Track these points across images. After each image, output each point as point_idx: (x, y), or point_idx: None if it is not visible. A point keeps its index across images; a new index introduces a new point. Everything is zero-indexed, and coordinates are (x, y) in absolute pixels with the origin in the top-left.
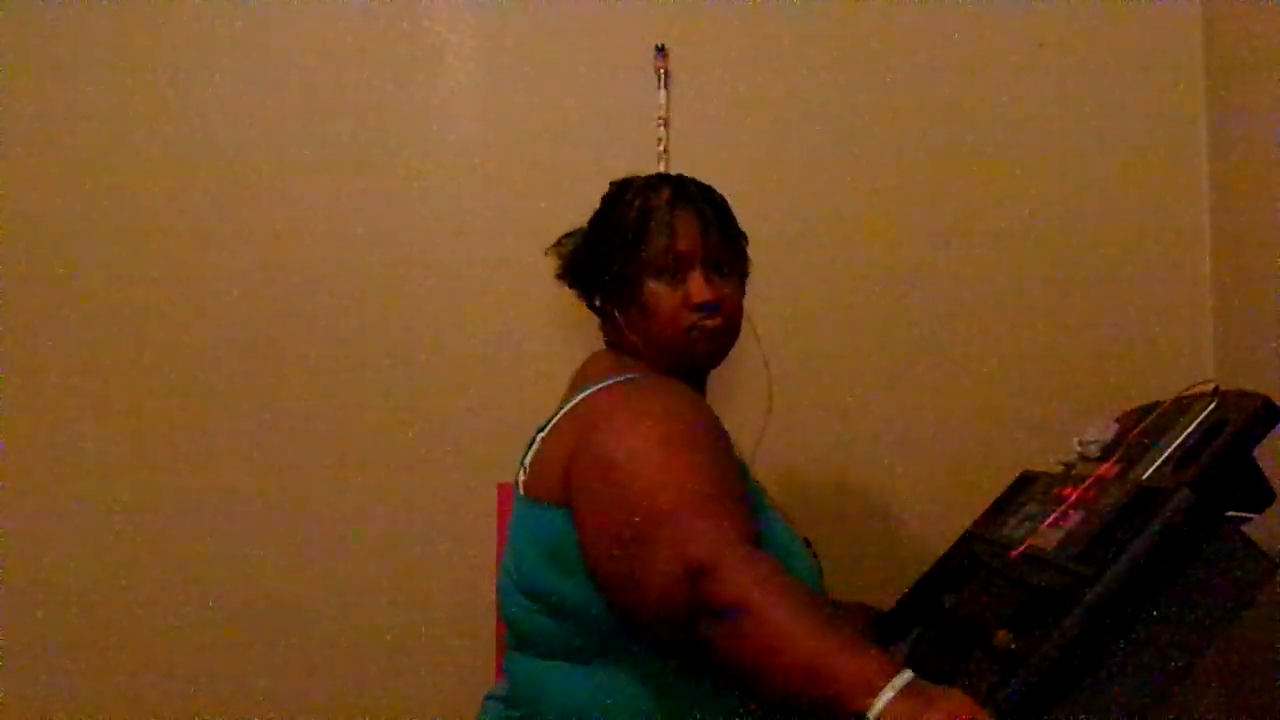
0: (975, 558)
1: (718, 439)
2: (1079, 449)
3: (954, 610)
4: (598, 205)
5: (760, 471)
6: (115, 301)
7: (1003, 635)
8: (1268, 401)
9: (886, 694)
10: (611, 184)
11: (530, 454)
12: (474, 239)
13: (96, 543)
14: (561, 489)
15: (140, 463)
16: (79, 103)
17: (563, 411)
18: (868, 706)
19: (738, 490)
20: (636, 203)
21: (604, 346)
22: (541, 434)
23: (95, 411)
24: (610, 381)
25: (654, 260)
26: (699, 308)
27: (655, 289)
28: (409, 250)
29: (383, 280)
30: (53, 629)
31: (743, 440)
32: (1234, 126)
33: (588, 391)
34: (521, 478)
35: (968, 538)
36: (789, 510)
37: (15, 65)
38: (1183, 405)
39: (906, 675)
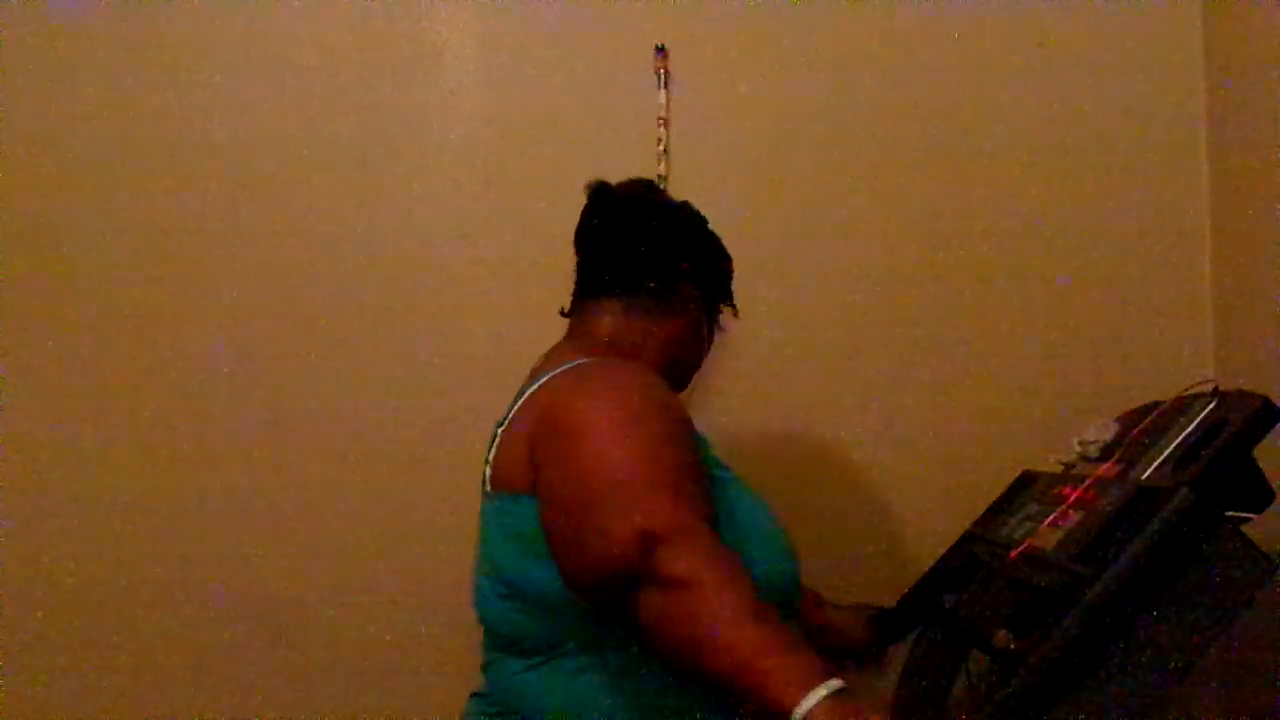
0: (975, 558)
1: (679, 418)
2: (1079, 449)
3: (954, 610)
4: (673, 209)
5: (761, 469)
6: (115, 301)
7: (1003, 635)
8: (1267, 401)
9: (819, 692)
10: (664, 193)
11: (493, 449)
12: (474, 239)
13: (96, 543)
14: (526, 476)
15: (140, 462)
16: (79, 103)
17: (521, 399)
18: (795, 704)
19: (697, 470)
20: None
21: (568, 339)
22: (501, 428)
23: (95, 411)
24: (568, 365)
25: (728, 295)
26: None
27: (713, 320)
28: (409, 250)
29: (383, 280)
30: (53, 629)
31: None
32: (1234, 126)
33: (544, 379)
34: (487, 473)
35: (968, 538)
36: (777, 505)
37: (15, 65)
38: (1183, 405)
39: (836, 682)
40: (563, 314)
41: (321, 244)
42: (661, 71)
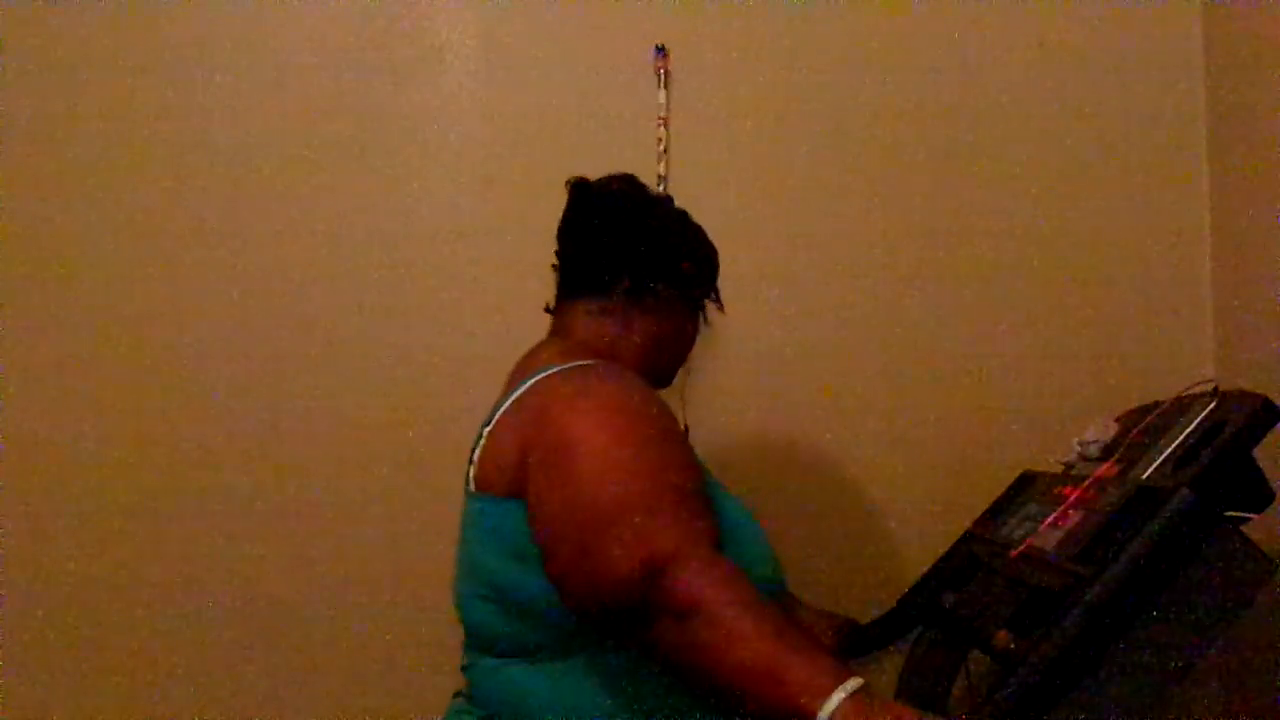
0: (975, 558)
1: (676, 431)
2: (1079, 449)
3: (954, 610)
4: (659, 204)
5: (760, 470)
6: (115, 301)
7: (1003, 635)
8: (1267, 401)
9: (836, 696)
10: (645, 189)
11: (478, 449)
12: (474, 239)
13: (96, 543)
14: (515, 480)
15: (140, 463)
16: (79, 103)
17: (509, 401)
18: (816, 708)
19: (698, 486)
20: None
21: (550, 338)
22: (487, 428)
23: (95, 411)
24: (562, 367)
25: (712, 290)
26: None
27: (697, 316)
28: (409, 250)
29: (383, 280)
30: (53, 629)
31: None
32: (1234, 126)
33: (536, 378)
34: (471, 473)
35: (968, 538)
36: (777, 505)
37: (15, 65)
38: (1183, 405)
39: (857, 680)
40: (548, 310)
41: (321, 244)
42: (661, 71)
